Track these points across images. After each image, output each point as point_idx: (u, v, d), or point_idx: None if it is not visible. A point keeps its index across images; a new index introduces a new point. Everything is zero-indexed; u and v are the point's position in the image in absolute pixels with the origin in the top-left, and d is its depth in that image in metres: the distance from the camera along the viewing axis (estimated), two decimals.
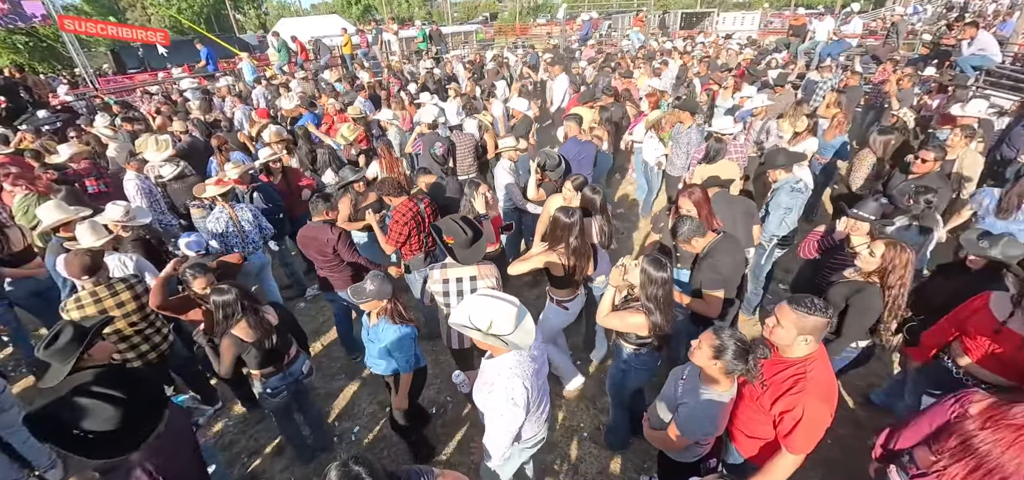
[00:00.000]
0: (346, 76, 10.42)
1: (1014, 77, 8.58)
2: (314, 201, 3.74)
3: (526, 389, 2.05)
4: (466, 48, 16.24)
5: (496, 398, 2.05)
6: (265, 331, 2.84)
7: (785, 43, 12.53)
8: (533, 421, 2.28)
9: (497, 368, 2.09)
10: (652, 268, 2.47)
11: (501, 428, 2.08)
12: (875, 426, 3.52)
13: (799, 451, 1.99)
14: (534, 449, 2.49)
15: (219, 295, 2.76)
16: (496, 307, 2.01)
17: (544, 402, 2.35)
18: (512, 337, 1.99)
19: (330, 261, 3.75)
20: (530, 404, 2.10)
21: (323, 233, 3.68)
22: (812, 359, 1.98)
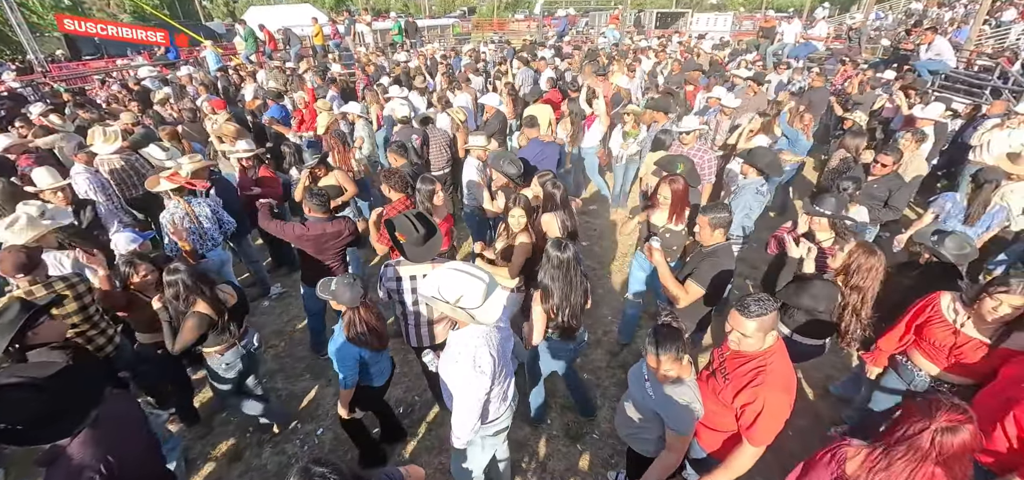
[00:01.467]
0: (316, 68, 10.13)
1: (967, 82, 9.00)
2: (311, 199, 3.63)
3: (492, 358, 2.09)
4: (442, 42, 16.03)
5: (462, 366, 2.08)
6: (224, 306, 2.89)
7: (755, 44, 12.82)
8: (498, 400, 2.30)
9: (464, 338, 2.12)
10: (554, 249, 2.57)
11: (468, 396, 2.09)
12: (833, 417, 3.65)
13: (760, 443, 2.01)
14: (499, 439, 2.50)
15: (170, 275, 2.75)
16: (466, 281, 2.03)
17: (509, 381, 2.38)
18: (479, 311, 2.03)
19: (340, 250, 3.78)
20: (495, 374, 2.13)
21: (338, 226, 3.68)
22: (771, 352, 2.01)
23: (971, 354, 2.43)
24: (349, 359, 2.67)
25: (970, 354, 2.43)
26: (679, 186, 3.39)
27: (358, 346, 2.66)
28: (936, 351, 2.58)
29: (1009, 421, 2.00)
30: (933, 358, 2.61)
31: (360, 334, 2.63)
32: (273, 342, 4.62)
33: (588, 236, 6.19)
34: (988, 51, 10.64)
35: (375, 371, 2.86)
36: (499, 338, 2.17)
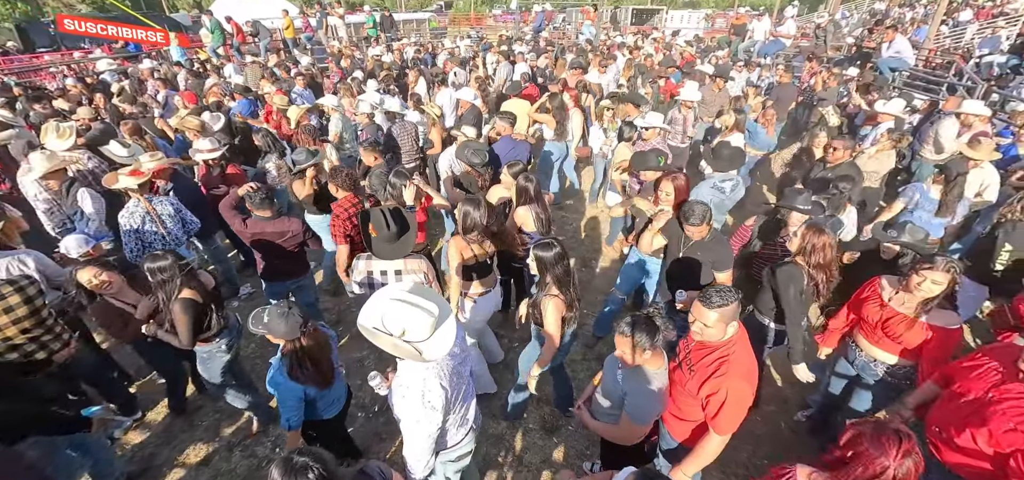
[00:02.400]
0: (285, 61, 9.87)
1: (926, 79, 9.39)
2: (254, 196, 3.51)
3: (444, 390, 1.92)
4: (417, 36, 15.83)
5: (410, 402, 1.90)
6: (209, 291, 2.87)
7: (726, 41, 13.08)
8: (456, 426, 2.17)
9: (412, 370, 1.94)
10: (543, 251, 2.53)
11: (418, 435, 1.93)
12: (799, 402, 3.77)
13: (725, 431, 2.05)
14: (462, 462, 2.35)
15: (153, 261, 2.67)
16: (410, 313, 1.83)
17: (468, 404, 2.23)
18: (426, 345, 1.84)
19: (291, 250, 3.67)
20: (450, 406, 1.99)
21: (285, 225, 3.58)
22: (733, 341, 2.05)
23: (895, 328, 2.55)
24: (291, 398, 2.38)
25: (895, 328, 2.55)
26: (681, 182, 3.42)
27: (300, 384, 2.39)
28: (870, 328, 2.70)
29: (981, 436, 1.99)
30: (867, 335, 2.75)
31: (301, 372, 2.35)
32: (243, 343, 4.50)
33: (563, 231, 6.23)
34: (947, 50, 11.12)
35: (323, 405, 2.58)
36: (452, 365, 2.01)
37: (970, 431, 2.03)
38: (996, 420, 1.94)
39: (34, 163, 4.08)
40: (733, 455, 3.38)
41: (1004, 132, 6.48)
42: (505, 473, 3.30)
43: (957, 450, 2.09)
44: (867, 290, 2.77)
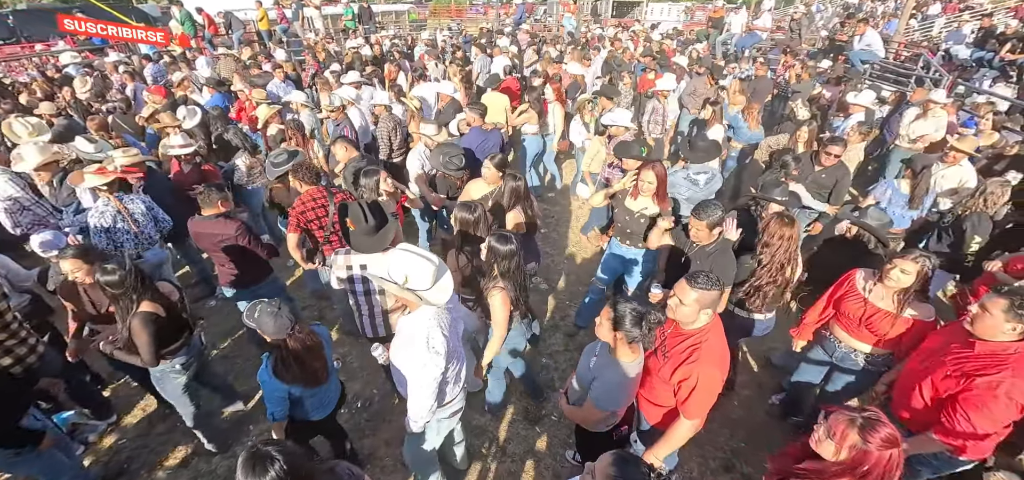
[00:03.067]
0: (258, 54, 9.63)
1: (896, 71, 9.68)
2: (207, 191, 3.38)
3: (445, 337, 2.11)
4: (397, 27, 15.59)
5: (416, 348, 2.07)
6: (171, 303, 2.75)
7: (705, 34, 13.24)
8: (452, 379, 2.31)
9: (414, 321, 2.13)
10: (497, 243, 2.58)
11: (424, 379, 2.09)
12: (774, 386, 3.88)
13: (694, 416, 2.12)
14: (455, 420, 2.52)
15: (104, 275, 2.51)
16: (414, 262, 2.05)
17: (461, 364, 2.40)
18: (429, 293, 2.05)
19: (232, 255, 3.46)
20: (449, 354, 2.16)
21: (218, 228, 3.36)
22: (707, 330, 2.10)
23: (879, 324, 2.64)
24: (275, 395, 2.39)
25: (878, 324, 2.65)
26: (661, 171, 3.44)
27: (286, 383, 2.38)
28: (850, 322, 2.79)
29: (926, 384, 2.20)
30: (848, 329, 2.83)
31: (286, 371, 2.34)
32: (221, 344, 4.43)
33: (545, 223, 6.26)
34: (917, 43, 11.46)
35: (312, 405, 2.55)
36: (450, 319, 2.19)
37: (918, 385, 2.23)
38: (938, 370, 2.15)
39: (26, 154, 3.97)
40: (711, 439, 3.47)
41: (969, 123, 6.74)
42: (489, 464, 3.34)
43: (911, 409, 2.29)
44: (845, 286, 2.84)
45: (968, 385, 2.03)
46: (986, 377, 1.99)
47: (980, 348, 2.07)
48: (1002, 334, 2.01)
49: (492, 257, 2.64)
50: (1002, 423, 2.02)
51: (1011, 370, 1.97)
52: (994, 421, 2.00)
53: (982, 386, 1.99)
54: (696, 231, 2.89)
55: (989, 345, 2.05)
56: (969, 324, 2.12)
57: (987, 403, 1.98)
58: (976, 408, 2.00)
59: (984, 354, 2.05)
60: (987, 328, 2.05)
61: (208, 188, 3.38)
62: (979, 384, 2.00)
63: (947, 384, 2.11)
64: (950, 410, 2.08)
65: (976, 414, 2.00)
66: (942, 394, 2.13)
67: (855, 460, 1.56)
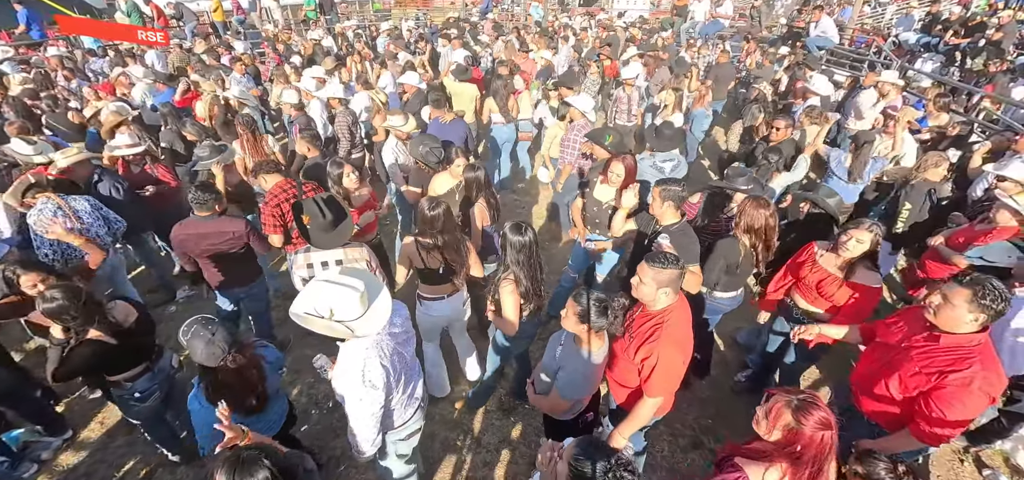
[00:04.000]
0: (215, 47, 9.22)
1: (850, 56, 10.08)
2: (201, 193, 3.23)
3: (384, 369, 1.96)
4: (360, 18, 15.18)
5: (351, 381, 1.94)
6: (125, 328, 2.52)
7: (669, 22, 13.42)
8: (402, 404, 2.20)
9: (352, 350, 1.97)
10: (512, 233, 2.54)
11: (362, 414, 1.98)
12: (739, 364, 4.02)
13: (656, 394, 2.16)
14: (412, 440, 2.40)
15: (47, 303, 2.31)
16: (337, 292, 1.86)
17: (414, 383, 2.28)
18: (358, 323, 1.87)
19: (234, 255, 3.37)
20: (392, 385, 2.02)
21: (223, 226, 3.25)
22: (671, 310, 2.15)
23: (828, 288, 2.79)
24: (207, 424, 2.04)
25: (827, 288, 2.80)
26: (631, 163, 3.45)
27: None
28: (806, 289, 2.93)
29: (893, 381, 2.20)
30: (805, 295, 2.97)
31: (216, 397, 2.11)
32: (184, 353, 4.26)
33: (516, 215, 6.26)
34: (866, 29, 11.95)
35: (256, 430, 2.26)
36: (393, 345, 2.05)
37: (884, 380, 2.25)
38: (905, 367, 2.16)
39: None
40: (680, 417, 3.57)
41: (917, 104, 7.09)
42: (465, 456, 3.34)
43: (875, 399, 2.32)
44: (804, 253, 2.99)
45: (940, 382, 2.02)
46: (958, 373, 1.99)
47: (946, 341, 2.06)
48: (965, 325, 2.01)
49: (505, 244, 2.60)
50: (976, 414, 2.06)
51: (980, 363, 1.98)
52: (969, 413, 2.02)
53: (956, 383, 1.98)
54: (656, 205, 2.93)
55: (954, 337, 2.04)
56: (932, 316, 2.10)
57: (963, 399, 1.98)
58: (950, 405, 2.00)
59: (951, 347, 2.04)
60: (950, 320, 2.03)
61: (201, 189, 3.23)
62: (953, 381, 1.99)
63: (917, 381, 2.10)
64: (925, 408, 2.07)
65: (951, 410, 2.00)
66: (912, 391, 2.13)
67: (788, 439, 1.60)
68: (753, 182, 3.44)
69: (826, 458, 1.59)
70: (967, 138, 5.85)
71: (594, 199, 3.65)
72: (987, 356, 2.02)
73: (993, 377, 1.99)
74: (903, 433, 2.19)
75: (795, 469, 1.59)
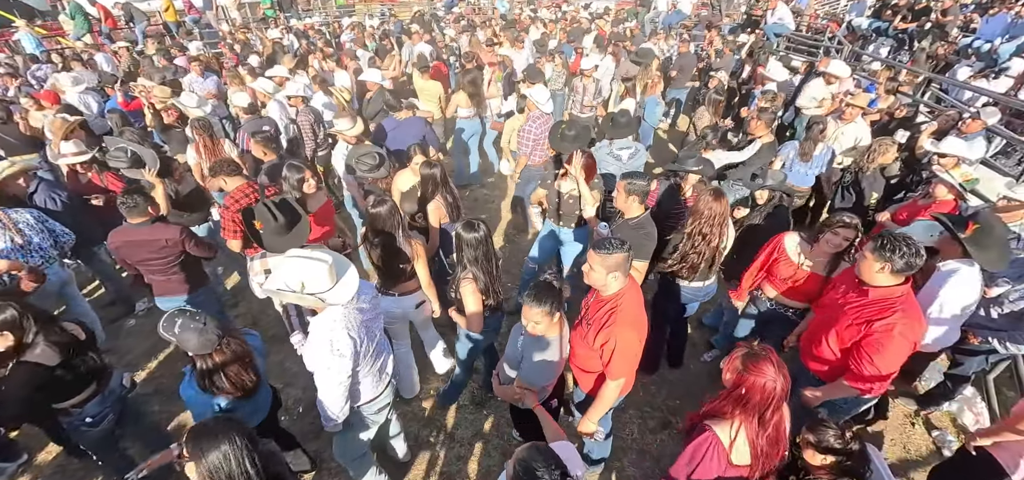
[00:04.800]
0: (168, 48, 8.86)
1: (807, 43, 10.41)
2: (130, 198, 3.10)
3: (352, 340, 2.07)
4: (323, 14, 14.82)
5: (320, 351, 2.05)
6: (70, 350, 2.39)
7: (634, 13, 13.59)
8: (371, 378, 2.28)
9: (321, 322, 2.09)
10: (465, 231, 2.56)
11: (330, 381, 2.09)
12: (705, 345, 4.14)
13: (618, 376, 2.23)
14: (381, 415, 2.49)
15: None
16: (307, 266, 2.00)
17: (384, 357, 2.37)
18: (331, 294, 2.02)
19: (172, 263, 3.24)
20: (359, 355, 2.13)
21: (156, 234, 3.15)
22: (622, 294, 2.20)
23: (808, 284, 2.88)
24: (203, 411, 2.22)
25: (807, 284, 2.88)
26: (588, 160, 3.47)
27: (213, 395, 2.22)
28: (780, 281, 3.02)
29: (832, 336, 2.40)
30: (776, 286, 3.06)
31: (215, 384, 2.18)
32: (145, 364, 4.12)
33: (486, 209, 6.27)
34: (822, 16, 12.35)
35: (244, 414, 2.38)
36: (361, 318, 2.15)
37: (824, 337, 2.43)
38: (841, 321, 2.35)
39: None
40: (649, 399, 3.67)
41: (870, 87, 7.39)
42: (438, 451, 3.35)
43: (819, 359, 2.50)
44: (775, 251, 3.03)
45: (868, 331, 2.21)
46: (882, 321, 2.17)
47: (873, 294, 2.25)
48: (879, 275, 2.20)
49: (459, 244, 2.63)
50: (900, 360, 2.23)
51: (902, 311, 2.16)
52: (894, 360, 2.20)
53: (880, 329, 2.17)
54: (620, 198, 2.96)
55: (880, 290, 2.23)
56: (858, 272, 2.32)
57: (886, 344, 2.16)
58: (877, 350, 2.18)
59: (876, 299, 2.23)
60: (866, 272, 2.24)
61: (130, 194, 3.09)
62: (877, 328, 2.18)
63: (850, 332, 2.29)
64: (856, 356, 2.27)
65: (878, 356, 2.18)
66: (847, 343, 2.32)
67: (735, 382, 1.72)
68: (703, 162, 3.52)
69: (771, 406, 1.68)
70: (914, 119, 6.14)
71: (556, 191, 3.69)
72: (909, 305, 2.20)
73: (914, 323, 2.18)
74: (838, 382, 2.38)
75: (744, 415, 1.71)
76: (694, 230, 2.98)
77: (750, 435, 1.74)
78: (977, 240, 2.67)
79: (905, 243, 2.14)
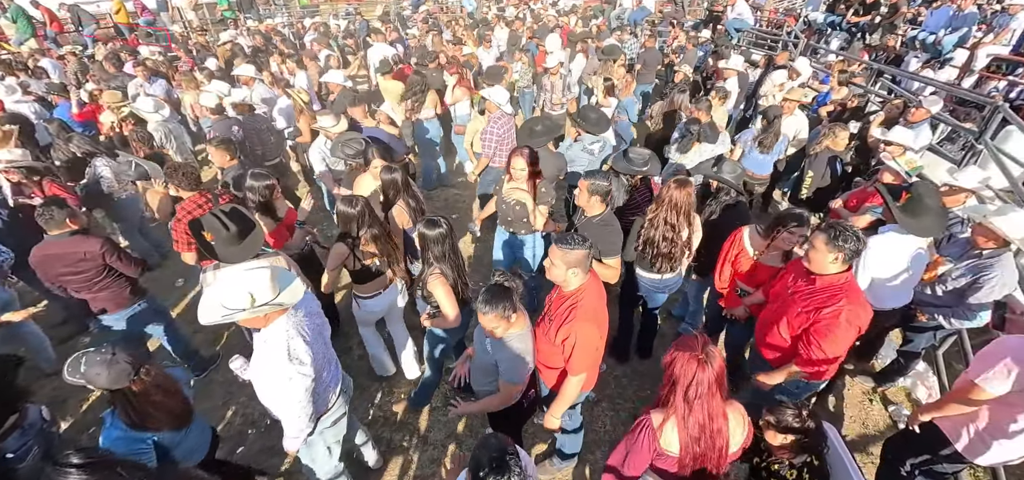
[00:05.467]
0: (119, 51, 8.47)
1: (766, 37, 10.74)
2: (47, 210, 2.94)
3: (307, 345, 1.97)
4: (286, 14, 14.42)
5: (277, 363, 1.90)
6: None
7: (600, 10, 13.74)
8: (330, 390, 2.21)
9: (272, 336, 1.94)
10: (426, 228, 2.55)
11: (293, 393, 1.93)
12: (673, 335, 4.22)
13: (579, 371, 2.25)
14: (341, 427, 2.41)
15: None
16: (250, 277, 1.84)
17: (333, 368, 2.29)
18: (283, 297, 1.89)
19: (93, 279, 3.06)
20: (317, 362, 2.04)
21: (74, 246, 2.97)
22: (583, 289, 2.22)
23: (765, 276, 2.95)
24: (137, 450, 2.01)
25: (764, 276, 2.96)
26: (530, 154, 3.39)
27: (146, 431, 2.04)
28: (744, 276, 3.08)
29: (783, 325, 2.49)
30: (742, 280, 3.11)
31: (144, 418, 2.01)
32: (78, 395, 3.89)
33: (456, 209, 6.23)
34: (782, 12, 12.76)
35: (182, 452, 2.21)
36: (312, 324, 2.07)
37: (776, 325, 2.53)
38: (791, 309, 2.45)
39: None
40: (621, 391, 3.72)
41: (825, 79, 7.68)
42: (411, 455, 3.31)
43: (772, 346, 2.59)
44: (736, 245, 3.08)
45: (816, 318, 2.31)
46: (829, 308, 2.27)
47: (820, 282, 2.35)
48: (830, 265, 2.29)
49: (424, 243, 2.60)
50: (847, 344, 2.34)
51: (847, 298, 2.27)
52: (841, 344, 2.31)
53: (828, 316, 2.27)
54: (582, 197, 2.95)
55: (826, 279, 2.33)
56: (806, 262, 2.41)
57: (833, 330, 2.27)
58: (825, 336, 2.28)
59: (823, 287, 2.33)
60: (817, 262, 2.32)
61: (47, 205, 2.93)
62: (825, 315, 2.28)
63: (800, 320, 2.39)
64: (805, 343, 2.36)
65: (826, 341, 2.29)
66: (797, 330, 2.42)
67: (667, 362, 1.79)
68: (651, 160, 3.57)
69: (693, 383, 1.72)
70: (864, 109, 6.42)
71: (503, 198, 3.56)
72: (853, 292, 2.32)
73: (858, 309, 2.28)
74: (788, 366, 2.48)
75: (674, 396, 1.76)
76: (659, 218, 3.02)
77: (679, 419, 1.77)
78: (908, 209, 2.86)
79: (852, 233, 2.24)
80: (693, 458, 1.79)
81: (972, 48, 7.74)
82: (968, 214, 3.15)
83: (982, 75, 7.63)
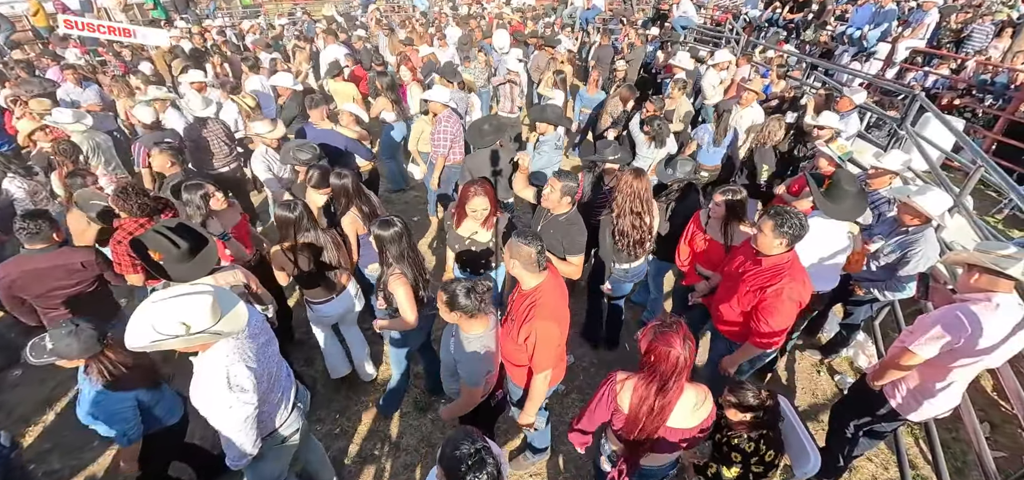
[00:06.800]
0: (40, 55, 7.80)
1: (710, 34, 11.25)
2: (34, 223, 2.74)
3: (251, 369, 1.87)
4: (226, 15, 13.70)
5: (216, 390, 1.81)
6: None
7: (552, 9, 13.93)
8: (280, 407, 2.14)
9: (210, 361, 1.83)
10: (380, 229, 2.54)
11: (234, 420, 1.85)
12: (636, 319, 4.36)
13: (543, 368, 2.29)
14: (293, 446, 2.33)
15: None
16: (186, 304, 1.72)
17: (288, 385, 2.22)
18: (222, 325, 1.78)
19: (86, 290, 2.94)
20: (263, 384, 1.95)
21: (63, 259, 2.83)
22: (541, 288, 2.26)
23: (711, 251, 3.14)
24: (121, 409, 2.11)
25: (710, 251, 3.14)
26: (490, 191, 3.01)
27: (126, 390, 2.12)
28: (699, 255, 3.25)
29: (734, 302, 2.67)
30: (698, 260, 3.29)
31: (120, 376, 2.07)
32: (36, 418, 3.61)
33: (418, 211, 6.15)
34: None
35: (162, 411, 2.34)
36: (256, 346, 1.95)
37: (728, 302, 2.71)
38: (740, 288, 2.63)
39: None
40: (589, 381, 3.81)
41: (765, 73, 8.13)
42: (384, 463, 3.26)
43: (726, 322, 2.79)
44: (694, 227, 3.24)
45: (763, 296, 2.49)
46: (773, 286, 2.46)
47: (765, 263, 2.53)
48: (776, 248, 2.47)
49: (381, 245, 2.57)
50: (791, 318, 2.53)
51: (788, 276, 2.46)
52: (785, 318, 2.50)
53: (772, 294, 2.45)
54: (554, 196, 2.95)
55: (771, 259, 2.50)
56: (755, 244, 2.57)
57: (777, 307, 2.46)
58: (770, 312, 2.47)
59: (768, 267, 2.51)
60: (764, 244, 2.49)
61: (33, 218, 2.73)
62: (770, 293, 2.46)
63: (749, 298, 2.57)
64: (755, 319, 2.55)
65: (771, 317, 2.47)
66: (747, 307, 2.61)
67: (647, 349, 1.84)
68: (620, 150, 3.69)
69: (671, 373, 1.78)
70: (800, 100, 6.84)
71: (455, 235, 3.22)
72: (795, 271, 2.51)
73: (799, 286, 2.48)
74: (746, 346, 2.67)
75: (647, 376, 1.83)
76: (624, 209, 3.11)
77: (639, 387, 1.84)
78: (829, 195, 3.09)
79: (795, 216, 2.42)
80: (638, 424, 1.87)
81: (893, 42, 8.42)
82: (893, 194, 3.44)
83: (902, 67, 8.33)
